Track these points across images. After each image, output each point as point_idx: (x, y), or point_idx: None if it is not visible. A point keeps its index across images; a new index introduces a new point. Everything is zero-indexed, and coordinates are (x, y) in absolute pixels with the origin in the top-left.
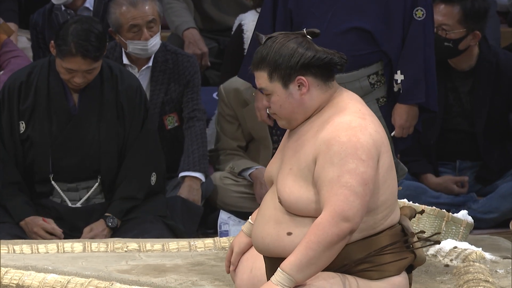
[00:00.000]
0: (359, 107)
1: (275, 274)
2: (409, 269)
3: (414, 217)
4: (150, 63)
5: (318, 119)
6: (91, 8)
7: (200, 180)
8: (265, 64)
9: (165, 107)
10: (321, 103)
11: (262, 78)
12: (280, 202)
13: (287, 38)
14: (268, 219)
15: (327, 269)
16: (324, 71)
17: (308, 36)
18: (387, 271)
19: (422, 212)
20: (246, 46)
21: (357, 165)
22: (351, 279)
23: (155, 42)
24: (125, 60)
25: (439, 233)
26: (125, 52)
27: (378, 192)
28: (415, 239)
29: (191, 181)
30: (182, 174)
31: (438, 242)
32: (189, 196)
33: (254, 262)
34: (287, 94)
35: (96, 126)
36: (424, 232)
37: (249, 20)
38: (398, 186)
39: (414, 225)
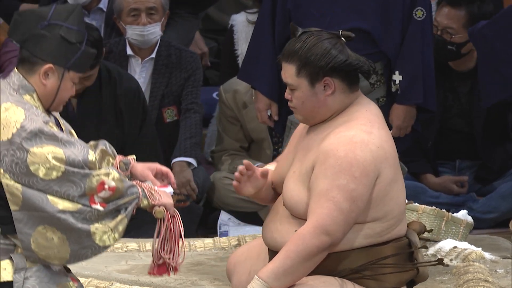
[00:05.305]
0: (372, 118)
1: (252, 281)
2: (410, 284)
3: (423, 233)
4: (154, 55)
5: (330, 126)
6: (105, 10)
7: (191, 164)
8: (296, 58)
9: (164, 99)
10: (342, 107)
11: (289, 71)
12: (283, 204)
13: (322, 36)
14: (280, 216)
15: (326, 273)
16: (351, 77)
17: (342, 38)
18: (386, 282)
19: (430, 231)
20: (236, 46)
21: (348, 182)
22: (349, 285)
23: (153, 30)
24: (129, 51)
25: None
26: (128, 43)
27: (379, 203)
28: (420, 255)
29: (180, 164)
30: (173, 161)
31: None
32: (180, 178)
33: (252, 265)
34: (311, 93)
35: (95, 131)
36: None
37: (239, 21)
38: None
39: None
